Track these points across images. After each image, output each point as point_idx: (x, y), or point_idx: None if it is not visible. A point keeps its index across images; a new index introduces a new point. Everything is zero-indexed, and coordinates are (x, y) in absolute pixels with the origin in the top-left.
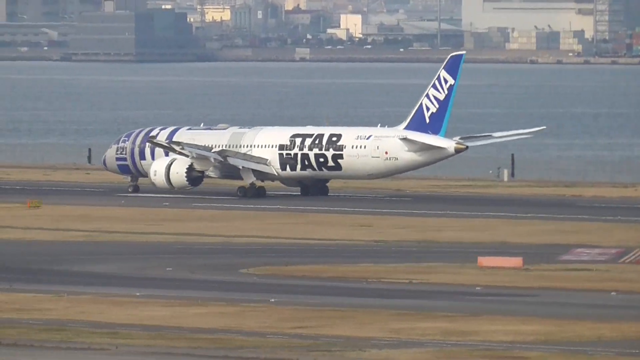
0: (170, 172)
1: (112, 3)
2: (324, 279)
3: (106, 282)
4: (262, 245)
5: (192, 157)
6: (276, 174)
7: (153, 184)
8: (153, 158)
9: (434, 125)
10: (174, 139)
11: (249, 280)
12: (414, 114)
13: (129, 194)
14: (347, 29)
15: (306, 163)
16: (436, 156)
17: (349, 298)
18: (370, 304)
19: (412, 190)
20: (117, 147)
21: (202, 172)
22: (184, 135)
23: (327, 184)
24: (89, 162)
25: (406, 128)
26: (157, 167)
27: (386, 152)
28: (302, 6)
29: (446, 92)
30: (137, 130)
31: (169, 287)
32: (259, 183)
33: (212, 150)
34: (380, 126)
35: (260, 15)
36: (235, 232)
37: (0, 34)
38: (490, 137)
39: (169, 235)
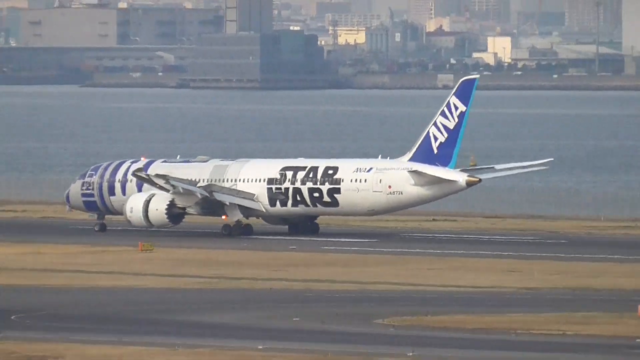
0: (149, 209)
1: (234, 24)
2: (467, 330)
3: (225, 334)
4: (399, 293)
5: (174, 192)
6: (264, 210)
7: (129, 221)
8: (124, 194)
9: (443, 156)
10: (149, 173)
11: (385, 332)
12: (420, 144)
13: (250, 237)
14: (495, 53)
15: (298, 198)
16: (446, 190)
17: (494, 352)
18: (518, 358)
19: (567, 232)
20: (83, 182)
21: (184, 208)
22: (158, 168)
23: (316, 221)
24: None
25: (411, 159)
26: (133, 204)
27: (389, 186)
28: (446, 28)
29: (456, 120)
30: (105, 164)
31: (295, 339)
32: (245, 220)
33: (198, 185)
34: (382, 157)
35: (398, 37)
36: (370, 279)
37: (111, 58)
38: (493, 169)
39: (296, 281)
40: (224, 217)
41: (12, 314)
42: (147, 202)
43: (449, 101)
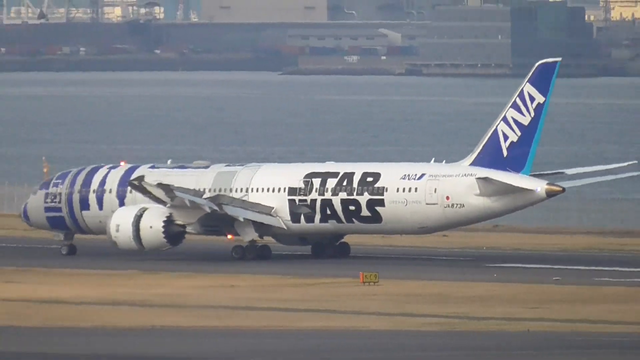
0: (141, 227)
1: None
2: None
3: None
4: None
5: (172, 206)
6: (284, 227)
7: (114, 243)
8: (100, 208)
9: (515, 159)
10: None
11: None
12: (485, 144)
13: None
14: None
15: (328, 213)
16: (519, 202)
17: None
18: None
19: None
20: (47, 194)
21: (184, 226)
22: (147, 175)
23: (345, 240)
24: None
25: (473, 163)
26: (120, 220)
27: (447, 197)
28: None
29: (532, 114)
30: (75, 170)
31: None
32: (260, 240)
33: (204, 197)
34: (435, 161)
35: None
36: None
37: (319, 37)
38: (563, 174)
39: (559, 322)
40: (230, 236)
41: None
42: (138, 218)
43: (522, 90)
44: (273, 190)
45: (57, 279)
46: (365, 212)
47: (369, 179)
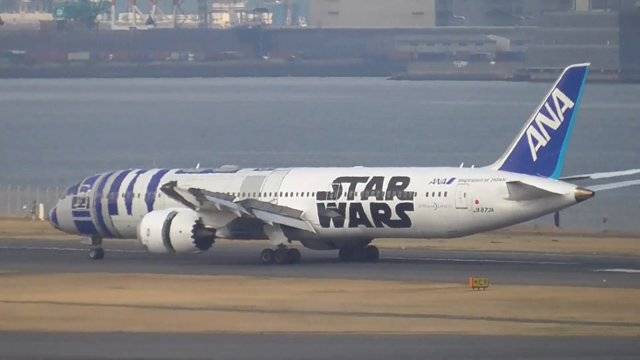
0: (171, 231)
1: (586, 0)
2: None
3: None
4: None
5: (201, 210)
6: (314, 231)
7: (145, 247)
8: (129, 212)
9: (545, 163)
10: (161, 186)
11: None
12: (515, 148)
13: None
14: None
15: (358, 217)
16: (548, 206)
17: None
18: None
19: None
20: (75, 198)
21: (214, 230)
22: (174, 180)
23: (373, 244)
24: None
25: (502, 168)
26: (150, 224)
27: (477, 202)
28: None
29: (562, 118)
30: (104, 175)
31: None
32: (289, 244)
33: (234, 201)
34: (464, 166)
35: None
36: None
37: (428, 42)
38: (589, 178)
39: None
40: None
41: None
42: (167, 223)
43: (551, 95)
44: (302, 195)
45: (164, 285)
46: (395, 216)
47: (398, 183)
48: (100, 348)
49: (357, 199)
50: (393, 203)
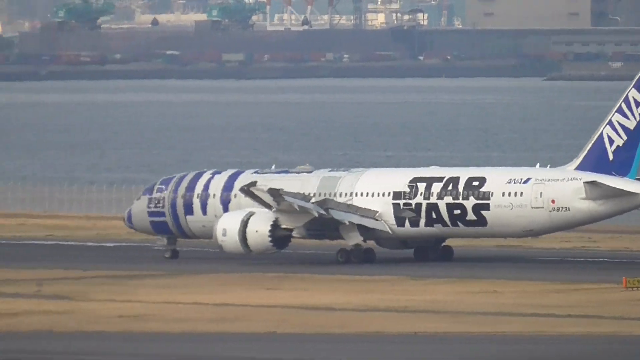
0: (248, 231)
1: None
2: None
3: None
4: None
5: (278, 210)
6: (390, 231)
7: (221, 247)
8: (204, 213)
9: (621, 163)
10: (237, 188)
11: None
12: (591, 148)
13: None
14: None
15: (434, 216)
16: (624, 205)
17: None
18: None
19: None
20: (150, 199)
21: (290, 230)
22: (250, 180)
23: (447, 244)
24: None
25: (579, 168)
26: (227, 225)
27: (553, 201)
28: None
29: (638, 118)
30: (179, 175)
31: None
32: (364, 244)
33: (311, 201)
34: (540, 166)
35: None
36: None
37: (583, 43)
38: None
39: None
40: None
41: None
42: (244, 223)
43: (627, 95)
44: (378, 195)
45: (317, 286)
46: (471, 216)
47: (475, 183)
48: (253, 349)
49: (433, 199)
50: (469, 203)
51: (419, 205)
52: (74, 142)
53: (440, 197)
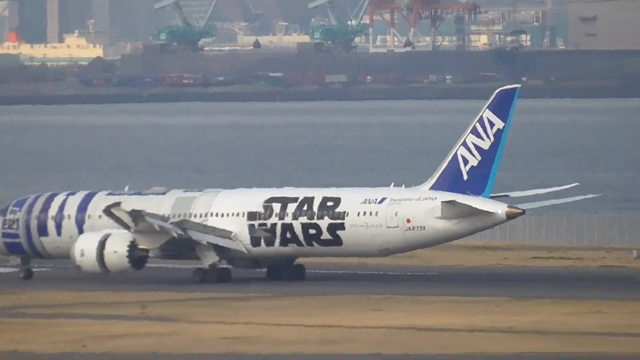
0: (105, 252)
1: None
2: None
3: None
4: None
5: (135, 231)
6: (244, 250)
7: (78, 267)
8: (59, 234)
9: (475, 183)
10: (91, 209)
11: None
12: (445, 168)
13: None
14: None
15: (289, 236)
16: (479, 224)
17: None
18: None
19: None
20: (4, 220)
21: (147, 250)
22: (103, 202)
23: (299, 262)
24: None
25: (433, 187)
26: (84, 245)
27: (408, 220)
28: None
29: (492, 139)
30: (33, 197)
31: None
32: (219, 264)
33: (170, 222)
34: (395, 186)
35: None
36: None
37: None
38: (507, 197)
39: None
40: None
41: None
42: (102, 244)
43: (482, 116)
44: (232, 215)
45: (421, 307)
46: (326, 235)
47: (329, 204)
48: None
49: (288, 219)
50: (324, 223)
51: (274, 225)
52: (174, 164)
53: (295, 217)
